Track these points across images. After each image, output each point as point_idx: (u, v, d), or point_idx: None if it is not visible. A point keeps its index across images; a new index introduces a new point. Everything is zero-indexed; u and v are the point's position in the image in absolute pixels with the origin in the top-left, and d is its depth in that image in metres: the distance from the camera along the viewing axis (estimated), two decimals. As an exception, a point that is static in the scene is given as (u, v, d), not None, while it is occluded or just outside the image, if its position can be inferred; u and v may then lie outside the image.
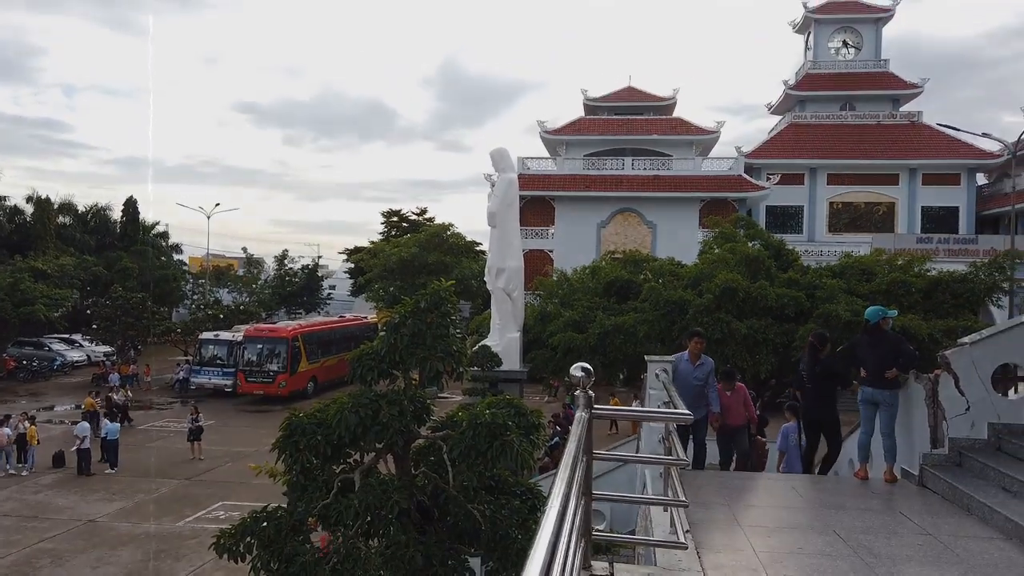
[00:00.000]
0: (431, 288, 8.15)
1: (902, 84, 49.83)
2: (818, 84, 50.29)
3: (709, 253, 28.39)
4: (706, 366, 8.66)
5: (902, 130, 48.36)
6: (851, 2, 51.40)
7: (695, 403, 8.26)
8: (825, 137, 48.43)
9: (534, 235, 46.38)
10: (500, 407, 7.49)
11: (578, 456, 3.17)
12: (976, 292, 24.09)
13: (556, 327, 26.22)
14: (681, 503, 4.48)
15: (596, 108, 51.65)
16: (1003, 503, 5.88)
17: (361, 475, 7.42)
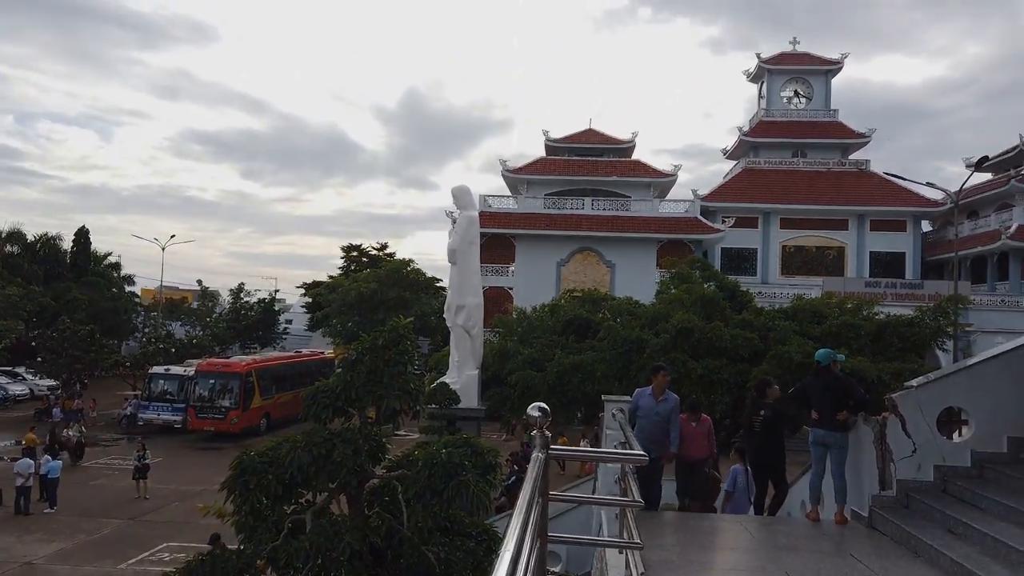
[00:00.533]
0: (389, 325, 8.12)
1: (850, 133, 51.71)
2: (771, 131, 51.90)
3: (666, 293, 28.79)
4: (670, 402, 8.27)
5: (851, 177, 50.03)
6: (802, 54, 53.46)
7: (654, 439, 8.01)
8: (778, 183, 49.83)
9: (494, 272, 46.48)
10: (457, 446, 7.45)
11: (534, 497, 3.16)
12: (922, 336, 24.81)
13: (515, 365, 26.20)
14: (636, 545, 4.48)
15: (557, 148, 52.45)
16: (949, 545, 6.00)
17: (313, 516, 7.28)
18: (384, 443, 7.69)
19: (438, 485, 6.76)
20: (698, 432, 8.66)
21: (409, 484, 6.99)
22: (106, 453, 29.33)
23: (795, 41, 54.12)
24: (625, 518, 5.07)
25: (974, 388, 7.23)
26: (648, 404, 8.25)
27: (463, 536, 7.90)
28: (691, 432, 8.54)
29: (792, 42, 54.12)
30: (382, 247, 64.20)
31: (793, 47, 53.92)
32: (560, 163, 50.56)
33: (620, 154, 52.23)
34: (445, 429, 17.76)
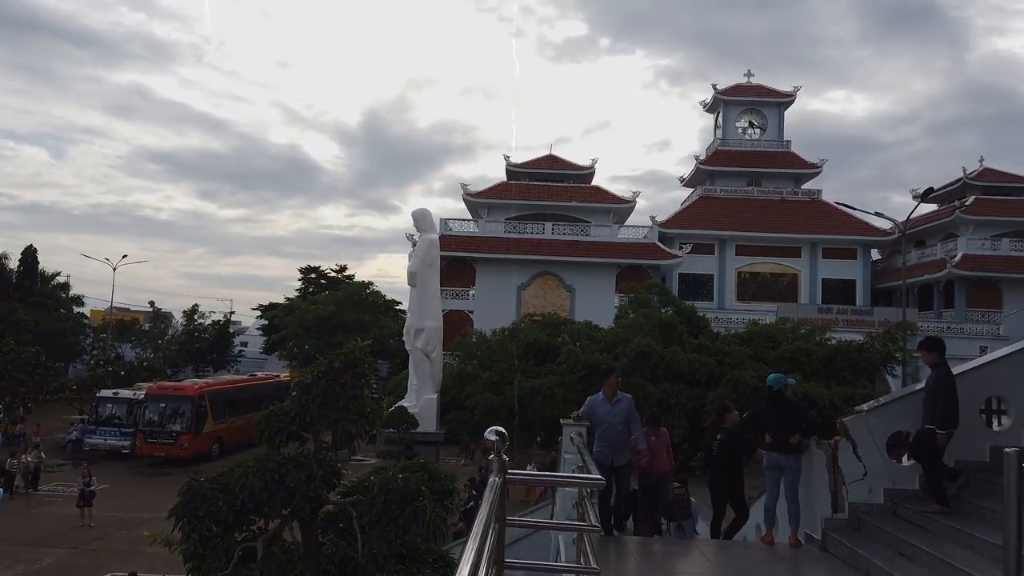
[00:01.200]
0: (346, 348, 8.02)
1: (803, 163, 53.14)
2: (726, 160, 53.07)
3: (625, 318, 29.05)
4: (623, 402, 7.96)
5: (803, 206, 51.33)
6: (756, 86, 54.95)
7: (618, 446, 7.80)
8: (733, 210, 50.86)
9: (454, 296, 46.38)
10: (413, 471, 7.36)
11: (490, 523, 3.13)
12: (872, 361, 25.43)
13: (474, 389, 26.10)
14: (592, 570, 4.46)
15: (518, 174, 52.84)
16: (899, 567, 6.10)
17: (264, 543, 7.10)
18: (339, 468, 7.55)
19: (394, 511, 6.66)
20: (659, 446, 8.49)
21: (364, 510, 6.87)
22: (49, 479, 28.26)
23: (750, 74, 55.63)
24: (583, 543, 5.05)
25: (920, 412, 7.40)
26: (604, 410, 7.92)
27: (419, 563, 7.78)
28: (652, 446, 8.34)
29: (747, 74, 55.62)
30: (341, 269, 63.64)
31: (748, 79, 55.37)
32: (521, 188, 50.91)
33: (580, 180, 52.85)
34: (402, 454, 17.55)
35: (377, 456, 22.64)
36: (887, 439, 7.46)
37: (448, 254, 44.22)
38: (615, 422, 7.79)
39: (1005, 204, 48.10)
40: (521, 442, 27.64)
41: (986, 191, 49.16)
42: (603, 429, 7.84)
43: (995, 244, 46.21)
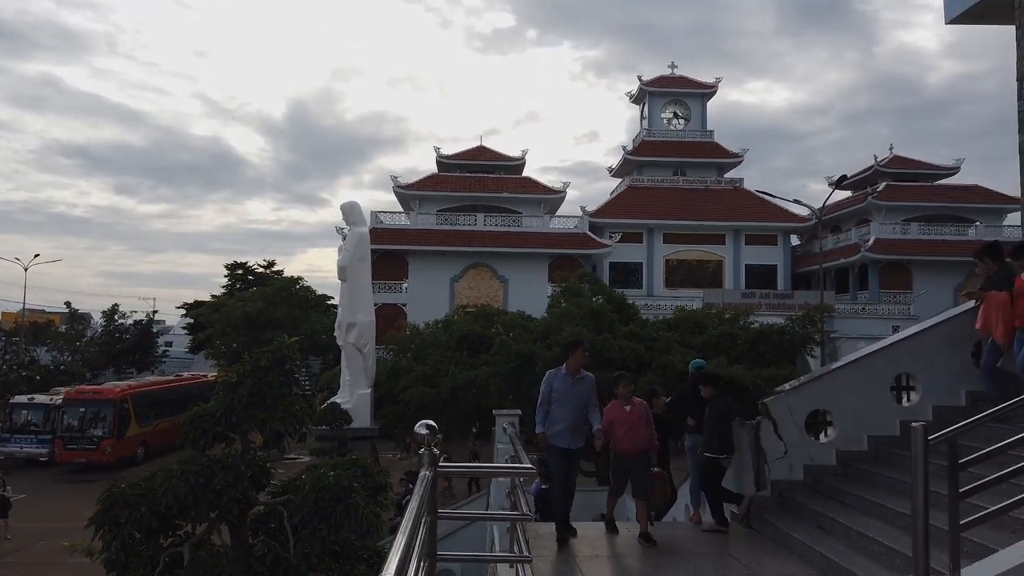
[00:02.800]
0: (274, 345, 7.86)
1: (726, 153, 54.61)
2: (653, 151, 54.07)
3: (557, 307, 29.35)
4: (587, 381, 7.18)
5: (726, 195, 52.78)
6: (680, 78, 56.09)
7: (575, 428, 7.05)
8: (660, 200, 51.88)
9: (387, 289, 45.93)
10: (346, 468, 7.29)
11: (420, 516, 3.14)
12: (793, 343, 26.45)
13: (409, 382, 25.95)
14: (525, 559, 4.53)
15: (449, 165, 52.60)
16: (818, 540, 6.39)
17: (191, 548, 6.92)
18: (269, 468, 7.42)
19: (326, 509, 6.59)
20: (634, 417, 7.15)
21: (295, 509, 6.77)
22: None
23: (673, 65, 56.70)
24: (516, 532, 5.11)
25: (836, 391, 7.75)
26: (564, 386, 7.07)
27: (354, 560, 7.72)
28: (623, 418, 7.12)
29: (671, 66, 56.68)
30: (269, 265, 62.08)
31: (672, 71, 56.46)
32: (452, 180, 50.74)
33: (511, 171, 52.98)
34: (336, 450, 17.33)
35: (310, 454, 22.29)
36: (806, 417, 7.77)
37: (379, 247, 43.72)
38: (576, 402, 7.02)
39: (914, 190, 50.57)
40: (456, 434, 27.67)
41: (896, 178, 51.54)
42: (561, 408, 7.03)
43: (905, 228, 48.53)
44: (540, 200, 50.26)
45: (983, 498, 4.68)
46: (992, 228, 48.30)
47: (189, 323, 58.96)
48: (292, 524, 6.85)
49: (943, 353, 7.43)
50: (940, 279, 45.92)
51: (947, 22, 14.40)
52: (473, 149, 54.08)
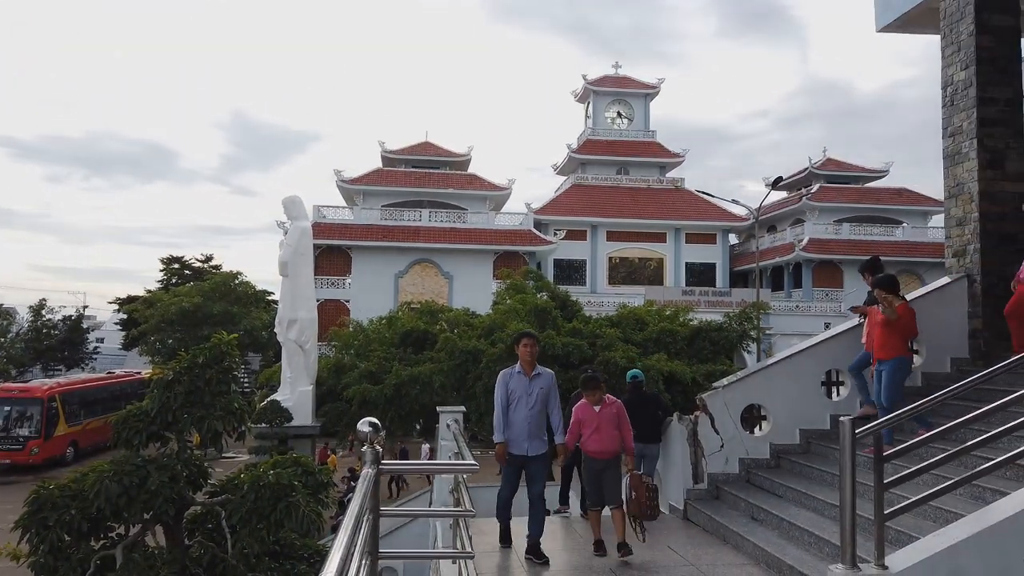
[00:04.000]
0: (212, 341, 7.70)
1: (667, 153, 55.56)
2: (596, 149, 54.65)
3: (502, 304, 29.39)
4: (544, 377, 6.57)
5: (668, 194, 53.73)
6: (623, 78, 56.80)
7: (533, 431, 6.43)
8: (604, 198, 52.50)
9: (329, 285, 45.30)
10: (286, 466, 7.19)
11: (362, 514, 3.13)
12: (730, 340, 27.06)
13: (351, 379, 25.64)
14: (467, 555, 4.55)
15: (394, 160, 52.14)
16: (752, 531, 6.59)
17: (124, 550, 6.73)
18: (206, 467, 7.26)
19: (265, 508, 6.48)
20: (604, 417, 6.56)
21: (234, 509, 6.65)
22: None
23: (617, 65, 57.35)
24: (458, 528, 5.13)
25: (770, 387, 8.01)
26: (521, 385, 6.48)
27: (294, 559, 7.62)
28: (593, 418, 6.56)
29: (615, 66, 57.31)
30: (207, 259, 60.48)
31: (615, 71, 57.10)
32: (397, 175, 50.31)
33: (457, 167, 52.83)
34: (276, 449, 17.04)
35: (249, 453, 21.86)
36: (741, 412, 8.01)
37: (322, 242, 43.10)
38: (534, 402, 6.42)
39: (846, 191, 52.38)
40: (400, 431, 27.49)
41: (830, 180, 53.32)
42: (518, 410, 6.42)
43: (837, 229, 50.24)
44: (486, 196, 50.28)
45: (906, 489, 4.92)
46: (918, 229, 50.43)
47: (122, 319, 57.08)
48: (230, 524, 6.72)
49: (870, 349, 7.73)
50: (870, 278, 47.68)
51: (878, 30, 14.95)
52: (418, 145, 53.74)
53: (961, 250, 7.94)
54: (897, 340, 6.93)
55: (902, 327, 6.93)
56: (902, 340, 6.98)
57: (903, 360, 6.98)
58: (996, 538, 4.24)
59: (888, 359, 6.92)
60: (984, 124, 7.92)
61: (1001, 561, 4.25)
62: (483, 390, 24.29)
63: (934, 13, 9.00)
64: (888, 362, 6.92)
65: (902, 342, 6.98)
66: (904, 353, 6.99)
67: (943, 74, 8.50)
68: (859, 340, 7.59)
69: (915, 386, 7.88)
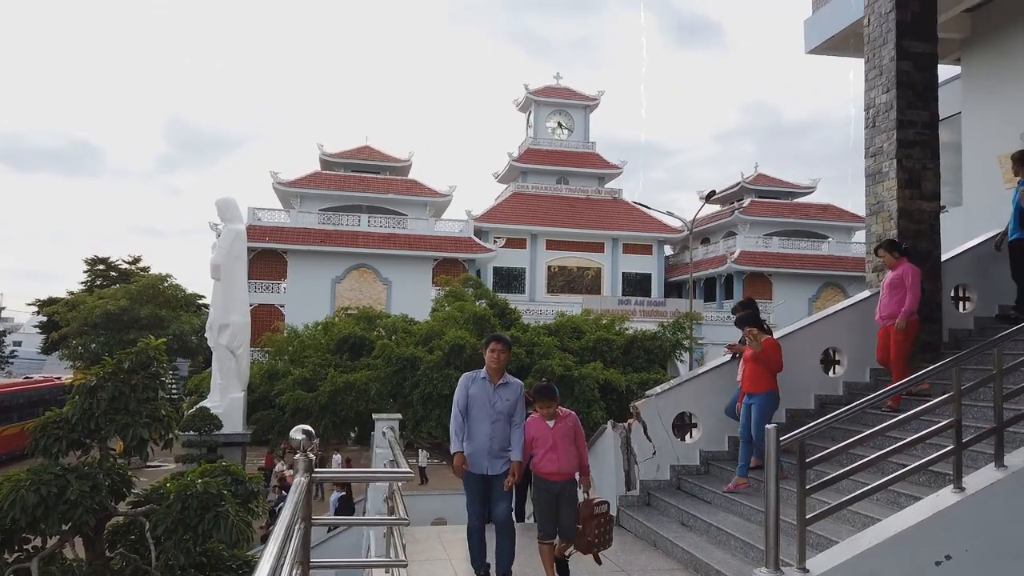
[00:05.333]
0: (138, 346, 7.45)
1: (606, 164, 56.44)
2: (537, 159, 55.11)
3: (440, 311, 29.32)
4: (512, 388, 5.76)
5: (606, 205, 54.55)
6: (564, 89, 57.49)
7: (495, 448, 5.61)
8: (544, 207, 52.95)
9: (264, 289, 44.36)
10: (215, 475, 7.00)
11: (293, 523, 3.10)
12: (664, 349, 27.64)
13: (285, 386, 25.16)
14: (400, 563, 4.53)
15: (332, 164, 51.47)
16: (681, 536, 6.74)
17: (41, 563, 6.44)
18: (129, 477, 7.01)
19: (192, 518, 6.30)
20: (559, 434, 5.76)
21: (158, 520, 6.44)
22: None
23: (559, 76, 58.05)
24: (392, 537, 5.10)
25: (701, 395, 8.21)
26: (484, 393, 5.67)
27: (221, 571, 7.41)
28: (547, 435, 5.75)
29: (556, 76, 57.98)
30: (135, 260, 58.37)
31: (557, 82, 57.76)
32: (336, 178, 49.66)
33: (397, 172, 52.49)
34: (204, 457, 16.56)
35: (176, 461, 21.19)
36: (673, 419, 8.18)
37: (257, 245, 42.21)
38: (498, 414, 5.65)
39: (775, 206, 54.14)
40: (334, 439, 27.09)
41: (760, 194, 55.04)
42: (479, 422, 5.65)
43: (767, 242, 51.86)
44: (426, 203, 50.10)
45: (828, 495, 5.12)
46: (843, 244, 52.47)
47: (42, 321, 54.56)
48: (155, 535, 6.51)
49: (795, 359, 8.02)
50: (797, 290, 49.40)
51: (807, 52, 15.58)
52: (358, 149, 53.20)
53: (880, 266, 8.30)
54: (765, 375, 7.17)
55: (769, 362, 7.18)
56: (770, 375, 7.20)
57: (771, 394, 7.19)
58: (908, 542, 4.46)
59: (757, 393, 7.16)
60: (903, 145, 8.31)
61: (913, 563, 4.47)
62: (420, 398, 24.16)
63: (859, 38, 9.41)
64: (757, 396, 7.16)
65: (771, 377, 7.20)
66: (772, 387, 7.20)
67: (866, 96, 8.90)
68: (786, 350, 7.85)
69: (835, 395, 8.21)
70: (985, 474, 4.91)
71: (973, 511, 4.69)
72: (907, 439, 5.40)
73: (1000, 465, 4.90)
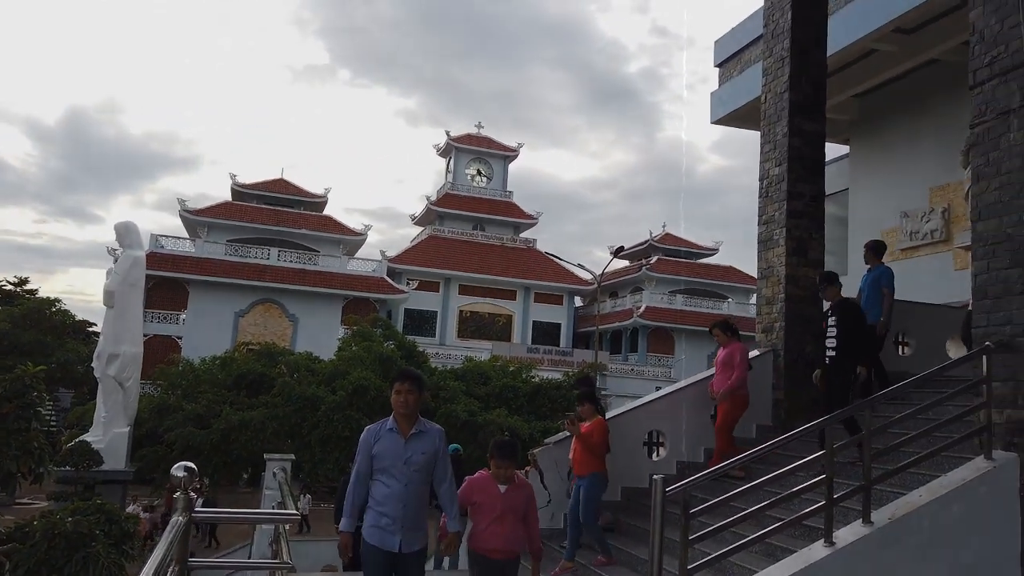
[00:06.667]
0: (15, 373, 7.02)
1: (522, 214, 57.45)
2: (455, 204, 55.57)
3: (346, 350, 28.81)
4: (430, 436, 4.65)
5: (520, 253, 55.35)
6: (485, 138, 58.57)
7: (409, 515, 4.47)
8: (459, 252, 53.22)
9: (161, 319, 42.51)
10: (87, 514, 6.60)
11: (163, 566, 2.98)
12: (568, 397, 28.01)
13: (175, 422, 24.02)
14: (280, 609, 4.39)
15: (245, 195, 50.30)
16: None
17: None
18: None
19: (59, 559, 5.90)
20: (511, 504, 4.94)
21: (21, 560, 6.00)
22: None
23: (480, 125, 59.19)
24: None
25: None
26: (394, 448, 4.54)
27: (87, 617, 6.95)
28: (495, 500, 4.90)
29: (478, 126, 59.10)
30: (21, 282, 54.71)
31: (478, 130, 58.79)
32: (247, 210, 48.48)
33: (312, 208, 51.75)
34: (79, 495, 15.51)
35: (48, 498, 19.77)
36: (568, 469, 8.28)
37: (157, 273, 40.57)
38: (413, 470, 4.52)
39: (680, 265, 56.27)
40: (225, 480, 25.93)
41: (667, 253, 57.13)
42: (387, 483, 4.50)
43: (671, 299, 53.70)
44: (340, 240, 49.47)
45: (708, 545, 5.30)
46: (741, 305, 54.86)
47: (-94, 342, 50.22)
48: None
49: (688, 413, 8.31)
50: (697, 346, 51.18)
51: (712, 122, 16.54)
52: (273, 181, 52.23)
53: (769, 327, 8.78)
54: (591, 456, 7.20)
55: (590, 443, 7.20)
56: (596, 456, 7.22)
57: (596, 476, 7.18)
58: (779, 592, 4.67)
59: (585, 475, 7.18)
60: (792, 215, 8.89)
61: (783, 614, 4.67)
62: (319, 439, 23.52)
63: (758, 112, 10.08)
64: (584, 479, 7.19)
65: (596, 458, 7.20)
66: (598, 469, 7.20)
67: (761, 168, 9.50)
68: (680, 403, 8.14)
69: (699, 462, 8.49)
70: (853, 529, 5.20)
71: (841, 565, 4.95)
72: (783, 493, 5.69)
73: (867, 521, 5.20)
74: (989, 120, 6.11)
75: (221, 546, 22.74)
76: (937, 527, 5.24)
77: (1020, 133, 5.81)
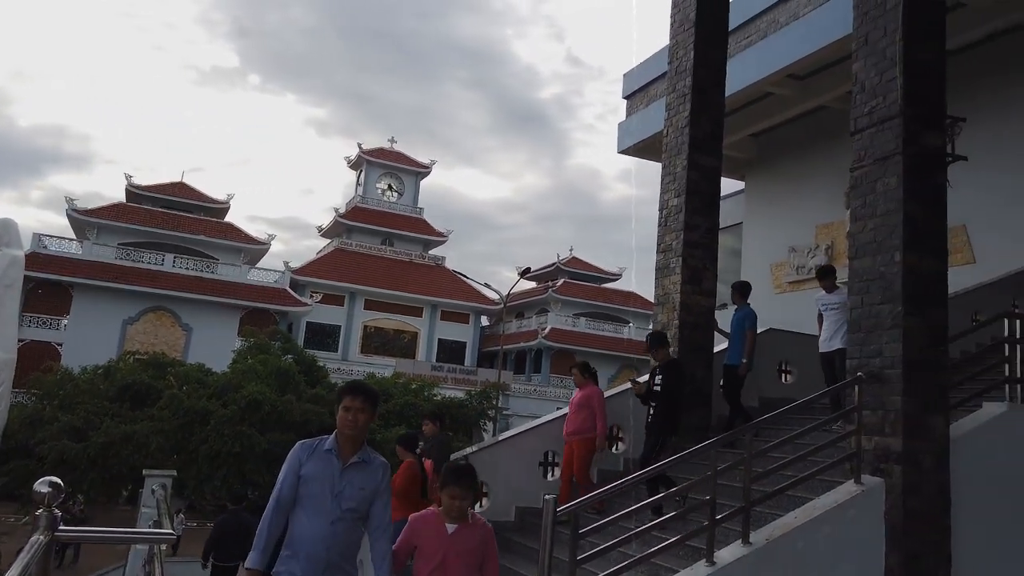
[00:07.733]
0: None
1: (432, 231, 57.28)
2: (364, 217, 54.83)
3: (241, 363, 27.79)
4: (371, 472, 3.91)
5: (428, 270, 55.09)
6: (397, 153, 58.19)
7: (338, 559, 3.72)
8: (366, 266, 52.44)
9: (39, 324, 39.85)
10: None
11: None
12: (470, 417, 27.99)
13: (48, 434, 22.46)
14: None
15: (140, 196, 47.94)
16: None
17: None
18: None
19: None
20: (460, 548, 4.06)
21: None
22: None
23: (393, 140, 58.71)
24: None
25: (494, 465, 8.37)
26: (327, 473, 3.82)
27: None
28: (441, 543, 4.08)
29: (390, 140, 58.58)
30: None
31: (391, 145, 58.33)
32: (142, 213, 46.20)
33: (212, 214, 49.85)
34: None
35: None
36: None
37: (38, 275, 38.12)
38: (345, 507, 3.78)
39: (585, 288, 57.41)
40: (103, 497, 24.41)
41: (573, 276, 58.18)
42: (311, 516, 3.74)
43: (575, 321, 54.63)
44: (241, 249, 47.80)
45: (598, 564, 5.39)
46: (641, 329, 56.34)
47: None
48: None
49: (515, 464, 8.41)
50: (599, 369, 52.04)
51: (618, 151, 17.02)
52: (172, 184, 50.04)
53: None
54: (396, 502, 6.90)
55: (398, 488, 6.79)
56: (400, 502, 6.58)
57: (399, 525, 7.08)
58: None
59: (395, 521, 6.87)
60: (688, 245, 9.24)
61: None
62: (207, 455, 22.53)
63: (661, 145, 10.46)
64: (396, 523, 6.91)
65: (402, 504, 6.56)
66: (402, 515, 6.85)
67: (661, 198, 9.84)
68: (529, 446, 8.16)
69: (615, 470, 8.70)
70: (733, 550, 5.40)
71: (722, 584, 5.13)
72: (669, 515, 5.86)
73: (747, 542, 5.41)
74: (867, 165, 6.57)
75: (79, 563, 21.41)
76: (810, 548, 5.51)
77: (895, 178, 6.27)
